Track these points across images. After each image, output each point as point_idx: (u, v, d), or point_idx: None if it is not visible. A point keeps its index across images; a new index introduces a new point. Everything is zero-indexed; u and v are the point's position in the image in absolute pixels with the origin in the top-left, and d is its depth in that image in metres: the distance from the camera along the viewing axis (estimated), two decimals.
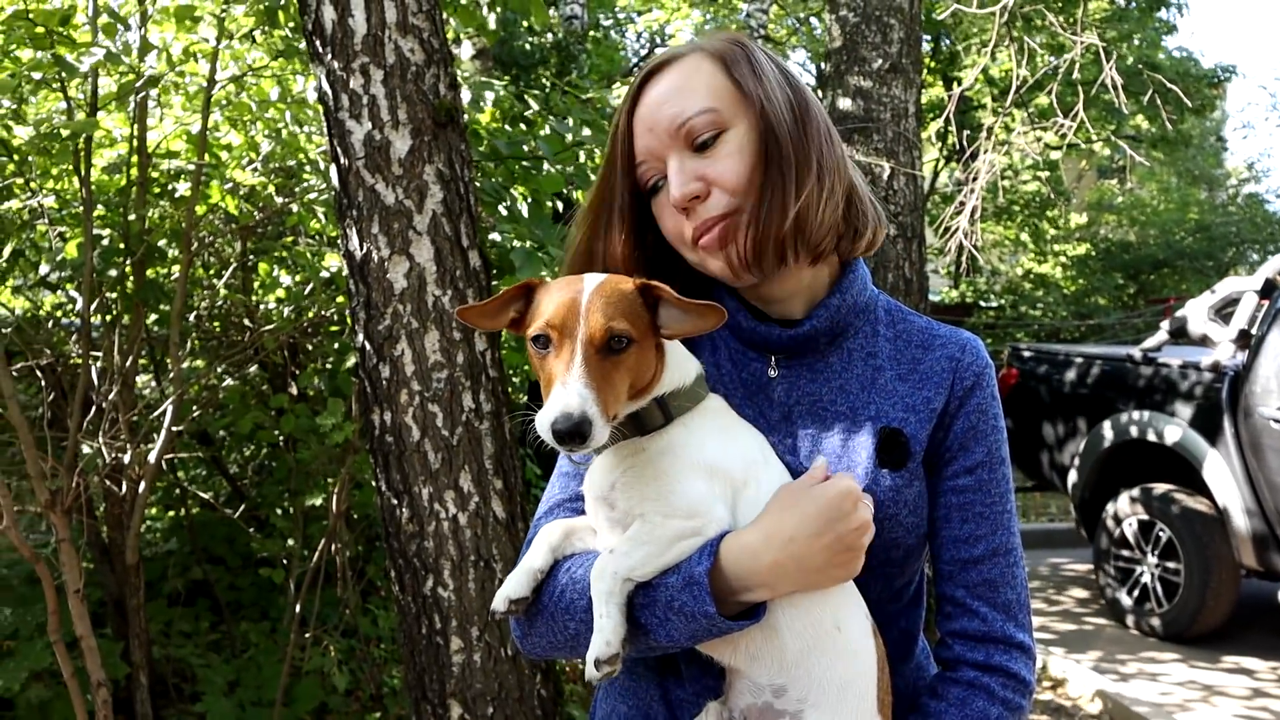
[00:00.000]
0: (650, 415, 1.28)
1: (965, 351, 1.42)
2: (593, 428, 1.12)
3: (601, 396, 1.16)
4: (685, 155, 1.35)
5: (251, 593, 5.20)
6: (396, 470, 3.06)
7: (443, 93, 3.03)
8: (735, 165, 1.33)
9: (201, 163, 3.80)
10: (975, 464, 1.39)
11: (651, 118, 1.37)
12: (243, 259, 4.74)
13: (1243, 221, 21.23)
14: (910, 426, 1.37)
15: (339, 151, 2.98)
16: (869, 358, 1.42)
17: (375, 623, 5.02)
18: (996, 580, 1.37)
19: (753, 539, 1.22)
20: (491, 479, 3.10)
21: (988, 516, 1.38)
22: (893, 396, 1.39)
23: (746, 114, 1.35)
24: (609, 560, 1.22)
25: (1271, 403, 5.64)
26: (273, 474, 5.25)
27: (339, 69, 2.93)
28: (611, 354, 1.19)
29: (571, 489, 1.45)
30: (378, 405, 3.07)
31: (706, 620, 1.19)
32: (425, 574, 3.06)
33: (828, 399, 1.40)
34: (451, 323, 3.03)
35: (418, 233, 2.99)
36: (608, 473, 1.30)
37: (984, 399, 1.40)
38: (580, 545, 1.37)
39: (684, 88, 1.36)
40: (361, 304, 3.04)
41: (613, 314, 1.19)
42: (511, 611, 1.31)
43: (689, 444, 1.27)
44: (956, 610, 1.38)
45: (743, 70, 1.35)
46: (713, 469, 1.26)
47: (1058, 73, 5.19)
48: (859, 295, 1.43)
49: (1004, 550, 1.38)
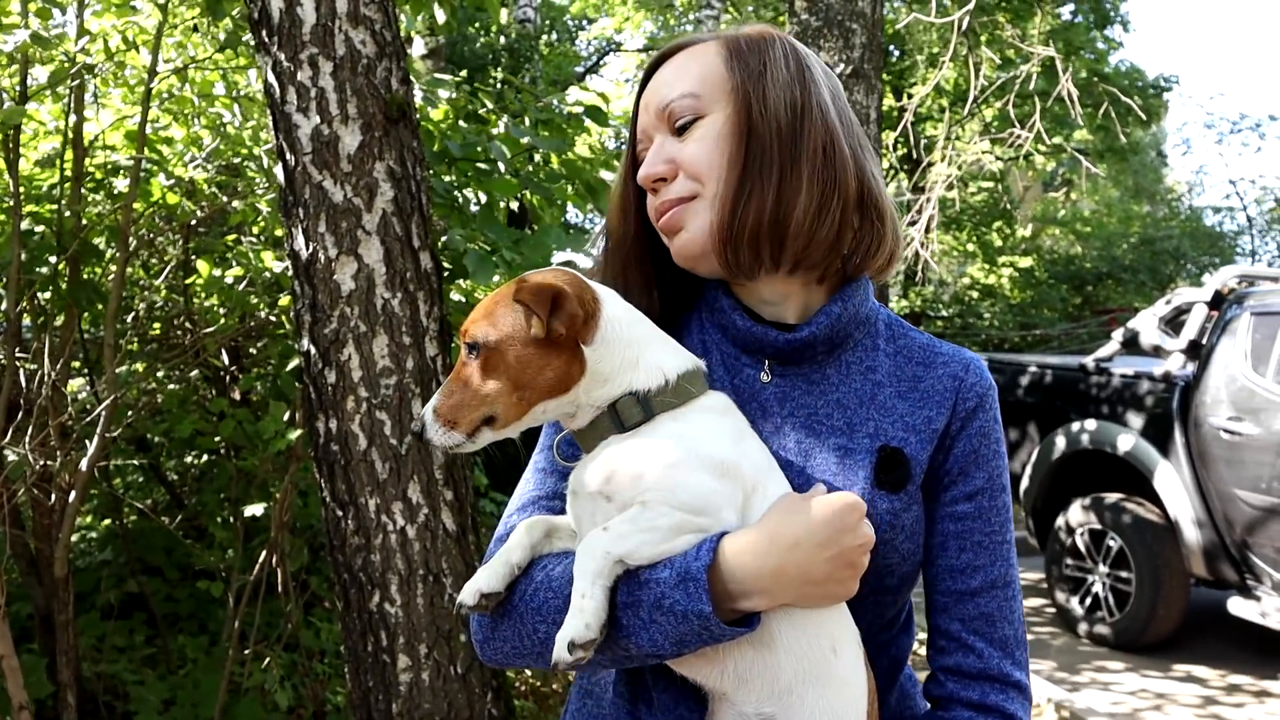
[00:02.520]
0: (627, 410, 1.21)
1: (969, 371, 1.34)
2: (424, 431, 1.20)
3: (450, 401, 1.20)
4: (666, 138, 1.32)
5: (189, 605, 5.00)
6: (342, 480, 2.93)
7: (395, 87, 2.91)
8: (702, 150, 1.29)
9: (141, 156, 3.63)
10: (975, 490, 1.31)
11: (648, 98, 1.35)
12: (183, 258, 4.56)
13: (1182, 236, 21.73)
14: (910, 447, 1.29)
15: (285, 147, 2.85)
16: (868, 372, 1.34)
17: (318, 635, 4.85)
18: (994, 614, 1.29)
19: (756, 539, 1.13)
20: (441, 490, 2.98)
21: (986, 546, 1.30)
22: (892, 414, 1.31)
23: (729, 104, 1.29)
24: (602, 538, 1.12)
25: (1221, 413, 5.70)
26: (213, 482, 5.06)
27: (286, 60, 2.80)
28: (473, 358, 1.20)
29: (549, 485, 1.36)
30: (323, 412, 2.93)
31: (699, 622, 1.09)
32: (371, 589, 2.93)
33: (823, 412, 1.31)
34: (401, 326, 2.91)
35: (367, 232, 2.86)
36: (602, 465, 1.21)
37: (987, 422, 1.33)
38: (561, 546, 1.27)
39: (680, 71, 1.32)
40: (307, 306, 2.91)
41: (474, 319, 1.22)
42: (480, 607, 1.21)
43: (693, 436, 1.19)
44: (951, 645, 1.30)
45: (745, 62, 1.30)
46: (723, 468, 1.17)
47: (1014, 83, 5.20)
48: (860, 306, 1.34)
49: (1002, 583, 1.30)
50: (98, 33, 3.78)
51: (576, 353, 1.21)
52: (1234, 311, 5.97)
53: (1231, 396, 5.73)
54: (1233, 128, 22.76)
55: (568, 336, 1.20)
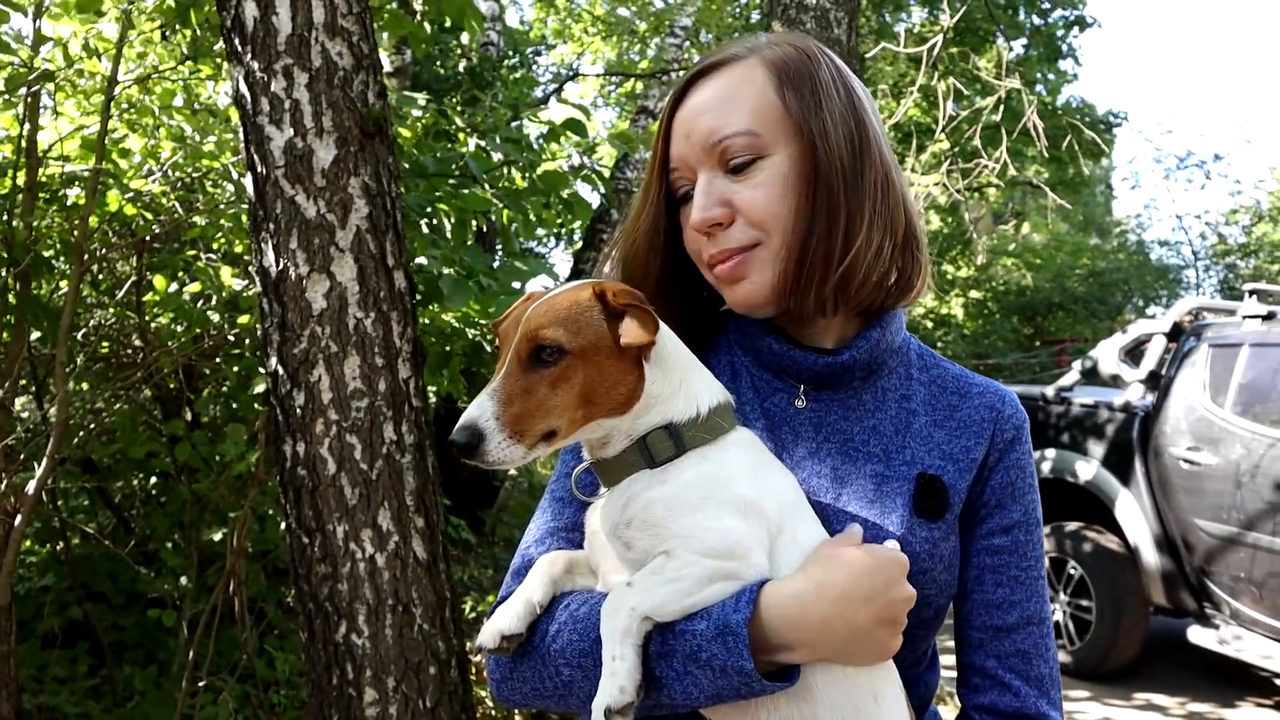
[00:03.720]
0: (658, 444, 1.14)
1: (1005, 403, 1.31)
2: (484, 441, 1.04)
3: (512, 410, 1.07)
4: (716, 174, 1.23)
5: (136, 633, 4.80)
6: (309, 506, 2.81)
7: (371, 101, 2.83)
8: (766, 196, 1.21)
9: (100, 167, 3.50)
10: (1012, 523, 1.27)
11: (689, 125, 1.24)
12: (138, 274, 4.41)
13: (1130, 269, 22.20)
14: (948, 475, 1.25)
15: (256, 159, 2.75)
16: (903, 400, 1.30)
17: (272, 665, 4.68)
18: (1030, 651, 1.25)
19: (800, 590, 1.07)
20: (413, 516, 2.88)
21: (1023, 581, 1.27)
22: (929, 442, 1.27)
23: (792, 142, 1.21)
24: (627, 594, 1.06)
25: (1181, 443, 5.76)
26: (163, 506, 4.88)
27: (259, 70, 2.71)
28: (542, 365, 1.09)
29: (566, 517, 1.29)
30: (290, 435, 2.82)
31: (739, 678, 1.03)
32: (338, 619, 2.82)
33: (859, 438, 1.26)
34: (374, 347, 2.82)
35: (340, 249, 2.77)
36: (621, 508, 1.14)
37: (1023, 455, 1.30)
38: (584, 583, 1.20)
39: (728, 99, 1.22)
40: (275, 325, 2.80)
41: (546, 323, 1.10)
42: (501, 650, 1.14)
43: (717, 478, 1.12)
44: (986, 682, 1.26)
45: (801, 91, 1.21)
46: (747, 507, 1.10)
47: (982, 114, 5.24)
48: (895, 334, 1.31)
49: (1038, 619, 1.27)
50: (56, 38, 3.65)
51: (640, 372, 1.15)
52: (1192, 343, 6.05)
53: (1191, 427, 5.80)
54: (1179, 164, 23.27)
55: (639, 353, 1.14)
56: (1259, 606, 5.43)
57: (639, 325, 1.11)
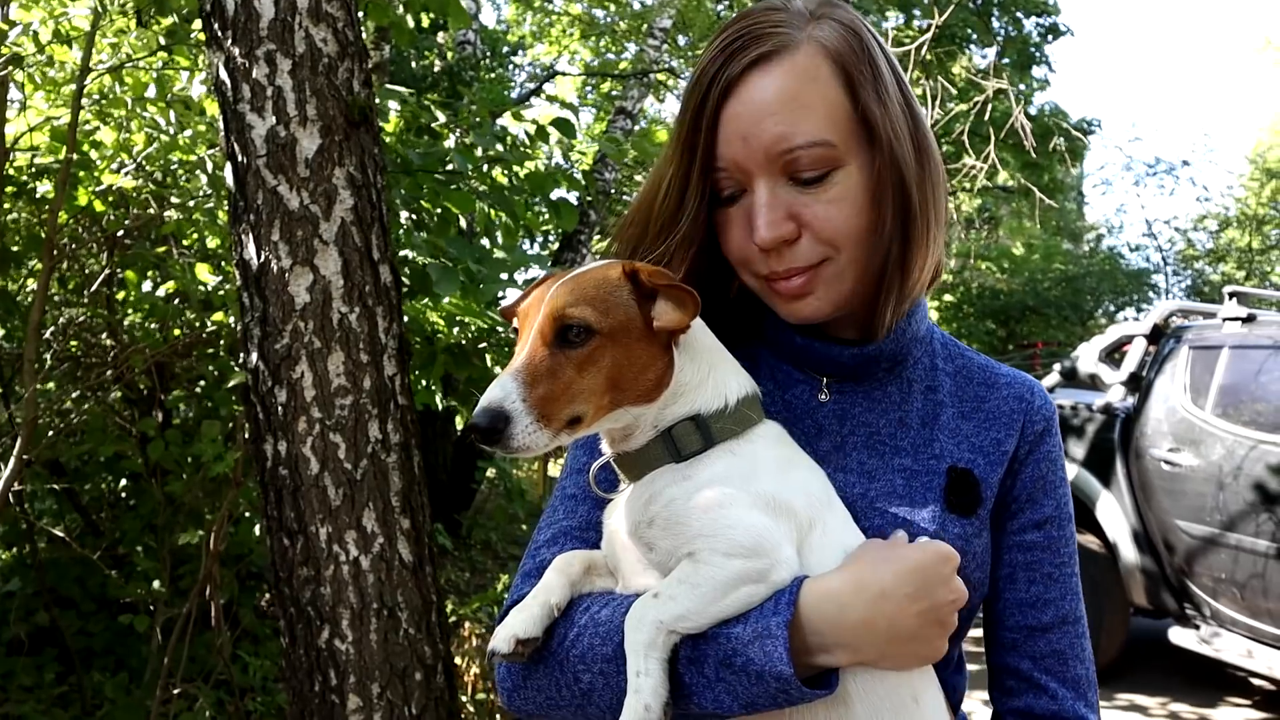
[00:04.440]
0: (685, 437, 1.08)
1: (1034, 394, 1.26)
2: (510, 425, 0.97)
3: (538, 392, 0.99)
4: (780, 184, 1.12)
5: (106, 639, 4.67)
6: (290, 507, 2.73)
7: (357, 89, 2.75)
8: (840, 213, 1.12)
9: (71, 157, 3.39)
10: (1044, 519, 1.22)
11: (749, 127, 1.11)
12: (110, 271, 4.29)
13: (1101, 274, 22.42)
14: (979, 468, 1.19)
15: (237, 148, 2.66)
16: (929, 391, 1.24)
17: (246, 670, 4.57)
18: (1065, 652, 1.20)
19: (839, 586, 1.01)
20: (398, 518, 2.79)
21: (1057, 579, 1.22)
22: (957, 435, 1.21)
23: (864, 149, 1.12)
24: (651, 605, 0.99)
25: (1161, 445, 5.77)
26: (134, 509, 4.76)
27: (240, 56, 2.62)
28: (568, 346, 1.02)
29: (580, 515, 1.22)
30: (271, 434, 2.73)
31: (777, 684, 0.96)
32: (320, 623, 2.73)
33: (886, 431, 1.21)
34: (359, 343, 2.73)
35: (324, 242, 2.69)
36: (643, 505, 1.07)
37: (1053, 447, 1.25)
38: (603, 585, 1.13)
39: (797, 101, 1.10)
40: (256, 320, 2.71)
41: (573, 301, 1.03)
42: (517, 655, 1.06)
43: (744, 473, 1.06)
44: (1021, 685, 1.20)
45: (869, 91, 1.11)
46: (774, 503, 1.04)
47: (969, 114, 5.22)
48: (920, 322, 1.25)
49: (1073, 618, 1.22)
50: (26, 24, 3.54)
51: (669, 357, 1.08)
52: (1172, 345, 6.07)
53: (1171, 428, 5.81)
54: (1148, 170, 23.56)
55: (670, 337, 1.08)
56: (1239, 607, 5.45)
57: (675, 306, 1.05)
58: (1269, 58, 25.89)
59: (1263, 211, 21.70)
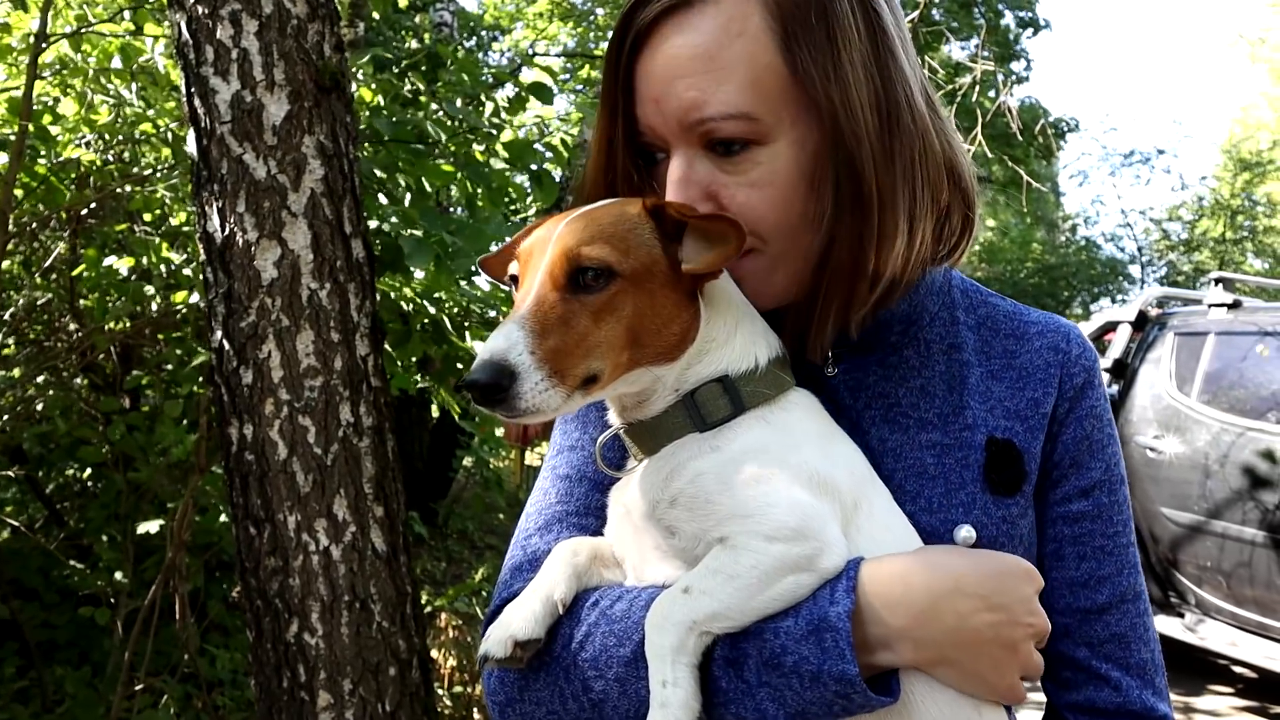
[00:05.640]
0: (711, 402, 0.94)
1: (1070, 341, 1.11)
2: (516, 382, 0.81)
3: (549, 343, 0.84)
4: (698, 156, 0.98)
5: (69, 632, 4.51)
6: (257, 494, 2.59)
7: (327, 53, 2.61)
8: (763, 200, 0.96)
9: (24, 126, 3.22)
10: (1092, 484, 1.07)
11: (659, 88, 0.96)
12: (71, 250, 4.11)
13: (1078, 263, 22.51)
14: (1019, 437, 1.05)
15: (200, 113, 2.51)
16: (951, 350, 1.09)
17: (214, 664, 4.42)
18: (1127, 634, 1.06)
19: (908, 566, 0.88)
20: (371, 505, 2.66)
21: (1111, 552, 1.07)
22: (988, 399, 1.07)
23: (800, 122, 0.95)
24: (679, 602, 0.85)
25: (1146, 432, 5.72)
26: (98, 496, 4.59)
27: (204, 15, 2.47)
28: (582, 291, 0.87)
29: (577, 497, 1.07)
30: (236, 417, 2.59)
31: (838, 687, 0.83)
32: (289, 616, 2.60)
33: (907, 403, 1.06)
34: (329, 321, 2.60)
35: (293, 214, 2.55)
36: (662, 482, 0.93)
37: (1097, 401, 1.09)
38: (611, 578, 0.99)
39: (714, 60, 0.93)
40: (221, 296, 2.57)
41: (588, 239, 0.88)
42: (514, 659, 0.92)
43: (782, 443, 0.92)
44: (1079, 676, 1.06)
45: (812, 45, 0.93)
46: (817, 478, 0.90)
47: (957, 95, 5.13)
48: (934, 273, 1.10)
49: (1132, 594, 1.07)
50: None
51: (695, 308, 0.94)
52: (1158, 332, 6.03)
53: (1156, 415, 5.76)
54: (1124, 161, 23.63)
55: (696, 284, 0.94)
56: (1224, 595, 5.42)
57: (712, 244, 0.90)
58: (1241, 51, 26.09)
59: (1236, 203, 21.84)
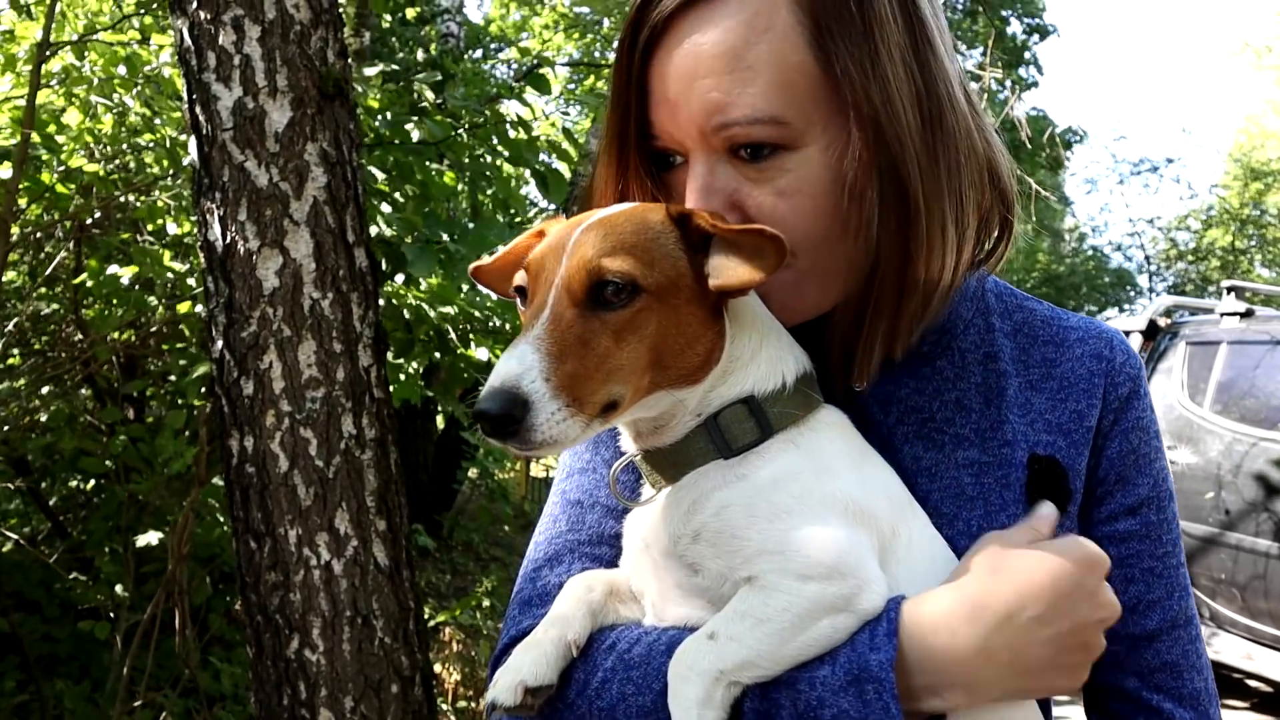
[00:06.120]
0: (737, 425, 0.87)
1: (1114, 348, 1.04)
2: (531, 413, 0.74)
3: (566, 367, 0.77)
4: (720, 161, 0.91)
5: (69, 646, 4.48)
6: (258, 507, 2.54)
7: (331, 60, 2.57)
8: (792, 210, 0.89)
9: (27, 134, 3.19)
10: (1139, 501, 1.01)
11: (679, 91, 0.89)
12: (76, 260, 4.08)
13: (1085, 273, 22.46)
14: (1063, 453, 0.99)
15: (202, 120, 2.48)
16: (988, 360, 1.02)
17: (217, 679, 4.38)
18: (1179, 663, 0.99)
19: (951, 609, 0.81)
20: (374, 519, 2.62)
21: (1160, 574, 1.00)
22: (1029, 412, 1.00)
23: (833, 125, 0.88)
24: (705, 649, 0.79)
25: None
26: (100, 508, 4.56)
27: (206, 20, 2.44)
28: (602, 309, 0.80)
29: (590, 526, 1.00)
30: (237, 428, 2.55)
31: None
32: (290, 632, 2.55)
33: (942, 417, 0.99)
34: (332, 331, 2.56)
35: (295, 222, 2.51)
36: (684, 515, 0.86)
37: (1143, 412, 1.03)
38: (629, 615, 0.93)
39: (740, 59, 0.86)
40: (222, 305, 2.53)
41: (609, 250, 0.80)
42: (525, 707, 0.85)
43: (814, 470, 0.85)
44: (1129, 708, 1.00)
45: (847, 46, 0.86)
46: (853, 508, 0.84)
47: None
48: (968, 280, 1.04)
49: (1184, 619, 1.01)
50: None
51: (720, 326, 0.87)
52: (1169, 341, 5.97)
53: (1169, 426, 5.70)
54: (1133, 170, 23.60)
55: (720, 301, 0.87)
56: (1238, 608, 5.35)
57: (746, 259, 0.82)
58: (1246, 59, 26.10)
59: (1245, 212, 21.78)
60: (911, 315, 0.92)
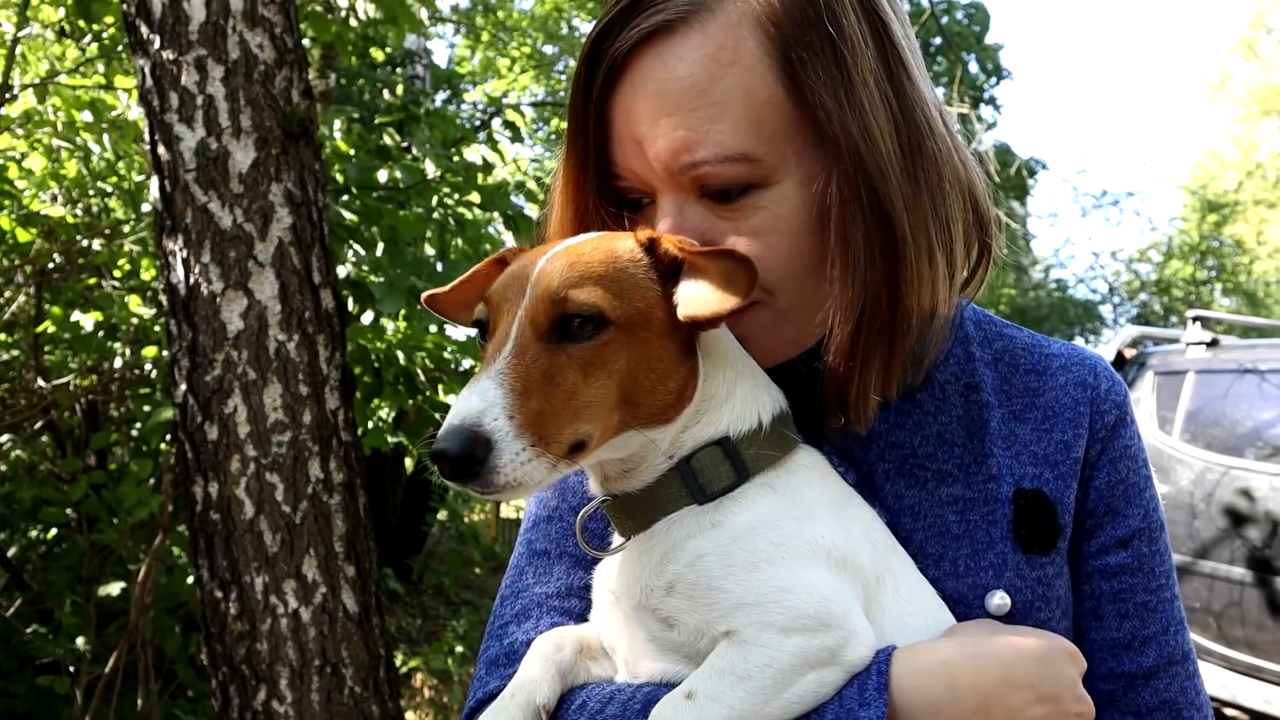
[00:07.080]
0: (711, 468, 0.83)
1: (1099, 375, 1.01)
2: (493, 454, 0.69)
3: (531, 404, 0.72)
4: (689, 202, 0.87)
5: (28, 701, 4.33)
6: (223, 554, 2.48)
7: (295, 100, 2.56)
8: (768, 249, 0.85)
9: None
10: (1130, 533, 0.98)
11: (641, 128, 0.85)
12: (36, 305, 4.01)
13: (1051, 305, 22.71)
14: (1050, 487, 0.95)
15: (164, 160, 2.45)
16: (969, 391, 0.98)
17: None
18: (1177, 700, 0.96)
19: (949, 657, 0.78)
20: (342, 565, 2.56)
21: (1155, 608, 0.97)
22: (1014, 444, 0.96)
23: (810, 159, 0.85)
24: (682, 710, 0.74)
25: None
26: (61, 559, 4.44)
27: (169, 61, 2.42)
28: (569, 342, 0.76)
29: (556, 578, 0.96)
30: (201, 474, 2.49)
31: None
32: (257, 683, 2.48)
33: (924, 453, 0.95)
34: (298, 374, 2.51)
35: (259, 264, 2.48)
36: (656, 565, 0.81)
37: (1130, 440, 1.00)
38: (601, 673, 0.88)
39: (702, 95, 0.83)
40: (185, 349, 2.48)
41: (575, 280, 0.77)
42: None
43: (794, 516, 0.82)
44: None
45: (819, 70, 0.82)
46: (835, 555, 0.80)
47: None
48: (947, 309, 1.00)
49: (1180, 655, 0.98)
50: None
51: (694, 362, 0.83)
52: (1137, 372, 6.02)
53: None
54: (1095, 203, 23.97)
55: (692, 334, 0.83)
56: (1214, 636, 5.35)
57: (717, 284, 0.78)
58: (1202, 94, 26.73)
59: (1203, 245, 22.17)
60: (904, 352, 0.89)
